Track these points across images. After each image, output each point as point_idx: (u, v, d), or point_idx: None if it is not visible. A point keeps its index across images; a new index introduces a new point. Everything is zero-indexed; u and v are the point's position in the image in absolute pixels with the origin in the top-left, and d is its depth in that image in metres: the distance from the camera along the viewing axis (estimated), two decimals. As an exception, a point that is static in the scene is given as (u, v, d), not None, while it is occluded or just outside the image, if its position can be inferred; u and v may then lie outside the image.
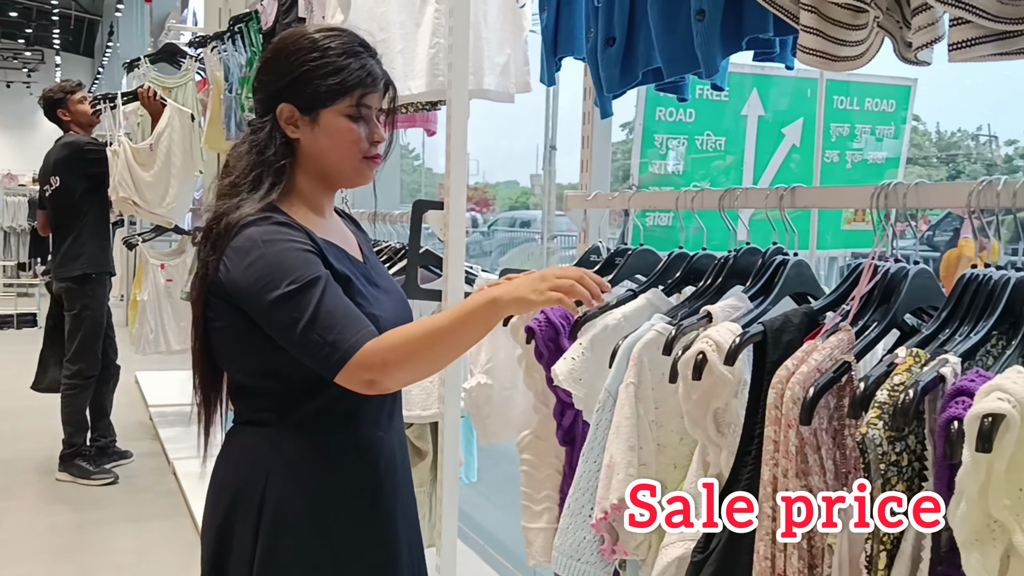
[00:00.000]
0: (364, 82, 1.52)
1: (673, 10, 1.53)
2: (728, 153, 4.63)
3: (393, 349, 1.37)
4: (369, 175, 1.58)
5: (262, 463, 1.50)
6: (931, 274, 1.26)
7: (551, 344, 1.61)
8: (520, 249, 13.23)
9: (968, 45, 1.15)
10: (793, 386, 1.13)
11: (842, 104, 4.73)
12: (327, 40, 1.53)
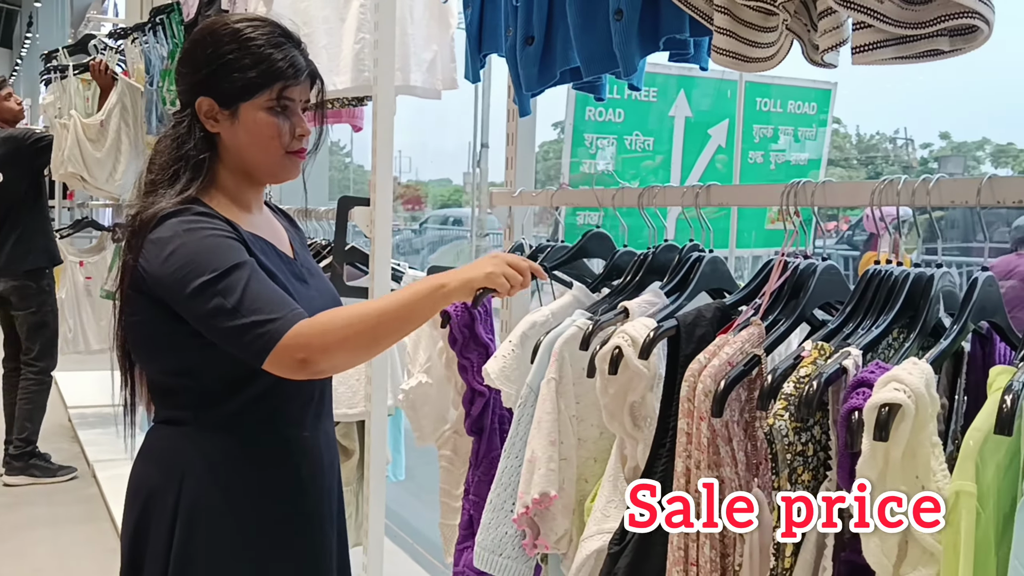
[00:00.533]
0: (285, 74, 1.47)
1: (591, 10, 1.55)
2: (656, 153, 4.70)
3: (331, 329, 1.35)
4: (294, 170, 1.54)
5: (178, 463, 1.47)
6: (838, 270, 1.30)
7: (466, 330, 1.62)
8: (451, 246, 13.21)
9: (870, 48, 1.19)
10: (705, 379, 1.16)
11: (765, 106, 4.84)
12: (247, 30, 1.48)
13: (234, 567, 1.48)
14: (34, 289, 4.60)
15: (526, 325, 1.55)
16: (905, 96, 12.79)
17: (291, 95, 1.48)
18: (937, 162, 14.92)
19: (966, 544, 0.88)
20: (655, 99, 4.71)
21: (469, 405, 1.70)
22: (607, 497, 1.37)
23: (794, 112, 4.90)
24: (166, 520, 1.46)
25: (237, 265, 1.37)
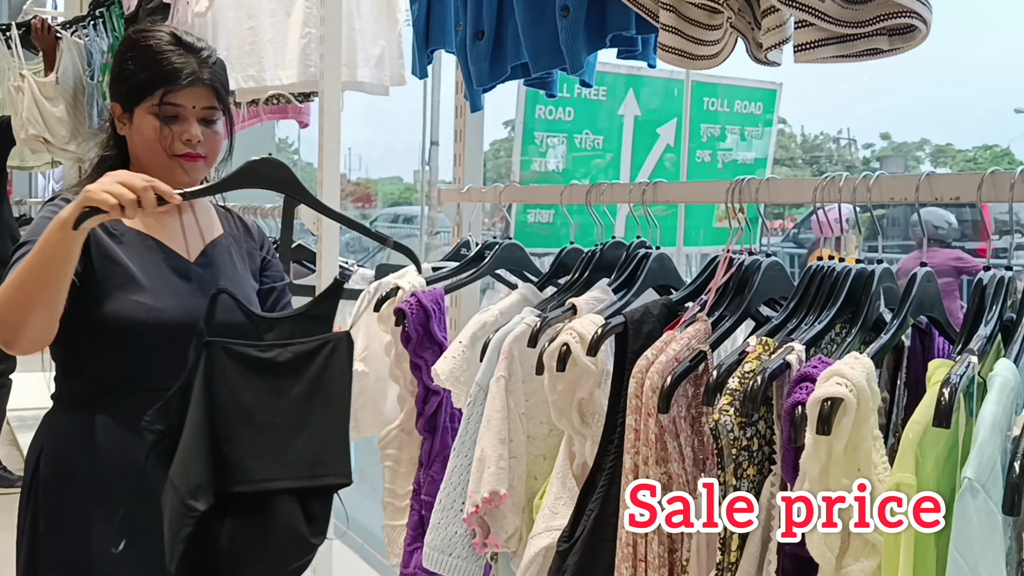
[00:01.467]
0: (167, 80, 1.53)
1: (539, 6, 1.54)
2: (606, 151, 4.72)
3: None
4: (183, 174, 1.56)
5: (33, 450, 1.57)
6: (782, 266, 1.31)
7: (420, 328, 1.61)
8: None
9: (812, 47, 1.20)
10: (652, 375, 1.16)
11: (713, 105, 4.89)
12: (143, 39, 1.58)
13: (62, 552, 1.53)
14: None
15: (476, 325, 1.54)
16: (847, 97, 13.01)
17: (175, 100, 1.54)
18: (879, 162, 15.22)
19: (906, 536, 0.89)
20: (605, 98, 4.73)
21: (423, 404, 1.69)
22: (556, 494, 1.37)
23: (740, 112, 4.96)
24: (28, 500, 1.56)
25: (26, 242, 1.44)
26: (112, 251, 1.52)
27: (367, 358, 1.94)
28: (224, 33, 2.69)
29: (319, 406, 1.42)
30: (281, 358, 1.42)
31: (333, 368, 1.44)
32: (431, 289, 1.67)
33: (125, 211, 1.31)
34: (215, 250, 1.65)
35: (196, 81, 1.55)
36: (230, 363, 1.40)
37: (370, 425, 1.95)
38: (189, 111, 1.55)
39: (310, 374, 1.43)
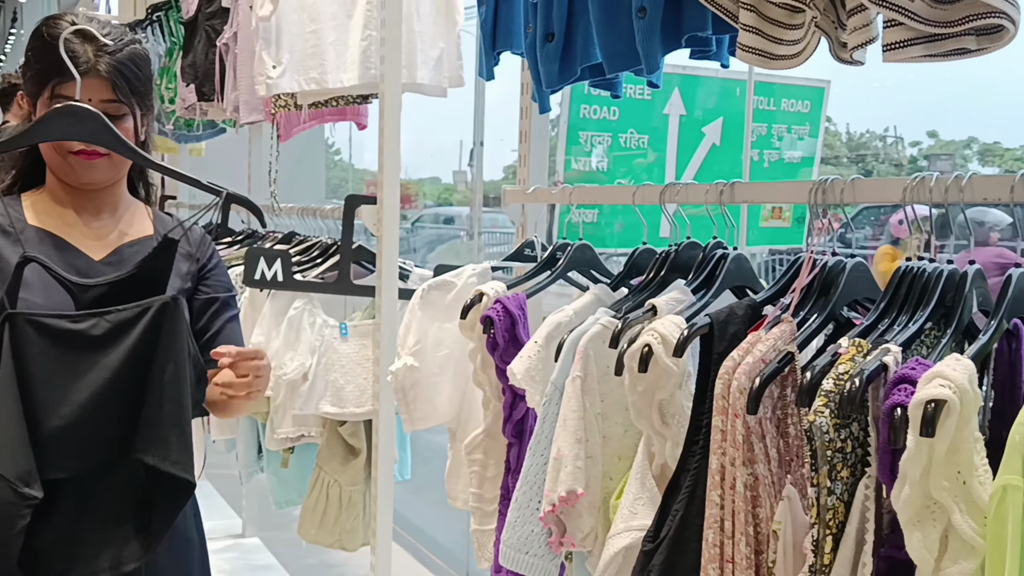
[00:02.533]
0: (59, 70, 1.41)
1: (613, 7, 1.55)
2: (651, 151, 4.69)
3: None
4: (86, 174, 1.47)
5: None
6: (866, 267, 1.30)
7: (507, 334, 1.61)
8: (448, 246, 13.19)
9: (901, 46, 1.19)
10: (739, 376, 1.16)
11: (761, 104, 4.83)
12: (42, 28, 1.47)
13: None
14: None
15: (550, 325, 1.55)
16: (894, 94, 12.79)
17: (67, 92, 1.43)
18: (927, 160, 15.01)
19: (1012, 538, 0.88)
20: (650, 97, 4.70)
21: (511, 409, 1.68)
22: (635, 495, 1.37)
23: (788, 110, 4.89)
24: None
25: None
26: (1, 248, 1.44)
27: (418, 353, 1.95)
28: (287, 36, 2.72)
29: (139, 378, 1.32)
30: (96, 329, 1.32)
31: (156, 335, 1.34)
32: (514, 294, 1.67)
33: None
34: (132, 250, 1.54)
35: (90, 72, 1.43)
36: (37, 337, 1.30)
37: (423, 418, 1.95)
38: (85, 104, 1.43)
39: (129, 343, 1.33)
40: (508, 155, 11.54)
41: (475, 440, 1.73)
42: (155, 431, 1.32)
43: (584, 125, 4.60)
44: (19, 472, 1.25)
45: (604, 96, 4.48)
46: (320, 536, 2.82)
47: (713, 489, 1.19)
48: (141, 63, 1.51)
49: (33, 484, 1.25)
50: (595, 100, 4.63)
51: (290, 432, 2.75)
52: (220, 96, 3.31)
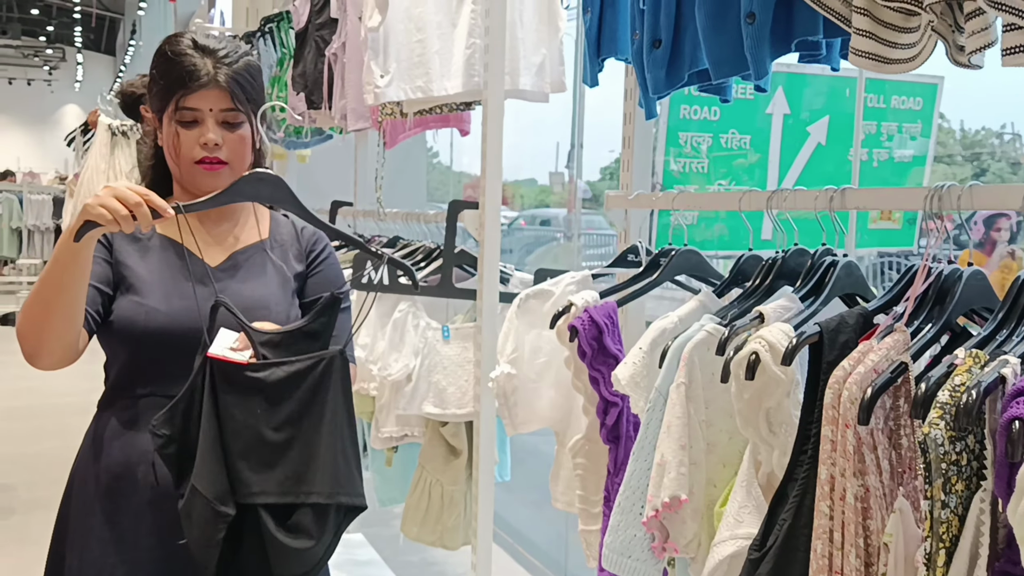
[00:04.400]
0: (180, 83, 1.51)
1: (721, 12, 1.54)
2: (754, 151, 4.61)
3: (19, 317, 1.47)
4: (208, 181, 1.55)
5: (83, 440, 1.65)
6: (984, 276, 1.27)
7: (594, 343, 1.63)
8: (546, 248, 13.22)
9: (1020, 50, 1.16)
10: (850, 386, 1.15)
11: (869, 102, 4.69)
12: (164, 46, 1.56)
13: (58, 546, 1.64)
14: None
15: (655, 331, 1.56)
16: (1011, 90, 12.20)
17: (190, 104, 1.52)
18: (1047, 159, 14.28)
19: None
20: (752, 97, 4.62)
21: (603, 415, 1.71)
22: (740, 503, 1.37)
23: (899, 108, 4.73)
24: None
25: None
26: (127, 256, 1.56)
27: (515, 361, 1.99)
28: (394, 46, 2.80)
29: (310, 425, 1.42)
30: (272, 377, 1.42)
31: (325, 386, 1.43)
32: (603, 303, 1.69)
33: (121, 225, 1.32)
34: (245, 256, 1.64)
35: (211, 83, 1.52)
36: (224, 381, 1.41)
37: (524, 422, 1.98)
38: (207, 114, 1.52)
39: (301, 393, 1.42)
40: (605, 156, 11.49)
41: (577, 444, 1.76)
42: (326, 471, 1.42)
43: (684, 126, 4.55)
44: (217, 493, 1.38)
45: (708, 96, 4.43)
46: (422, 534, 2.88)
47: (822, 500, 1.18)
48: (255, 73, 1.59)
49: (228, 503, 1.39)
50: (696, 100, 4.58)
51: (394, 431, 2.82)
52: (328, 104, 3.41)
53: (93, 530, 1.57)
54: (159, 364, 1.54)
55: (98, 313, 1.52)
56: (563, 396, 1.89)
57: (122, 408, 1.58)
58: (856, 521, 1.16)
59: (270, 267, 1.66)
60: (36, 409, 6.22)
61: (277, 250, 1.68)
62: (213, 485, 1.39)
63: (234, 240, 1.66)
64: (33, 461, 4.99)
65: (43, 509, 4.31)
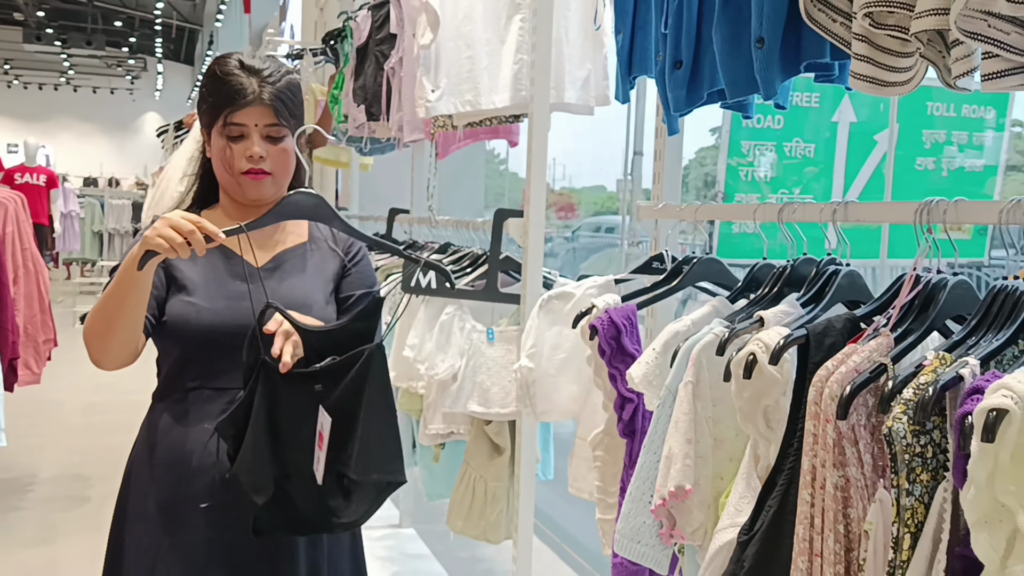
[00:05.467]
0: (229, 100, 1.65)
1: (735, 37, 1.65)
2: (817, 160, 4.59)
3: (86, 324, 1.60)
4: (253, 191, 1.70)
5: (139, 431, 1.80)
6: (969, 285, 1.35)
7: (612, 342, 1.75)
8: (601, 255, 13.27)
9: (999, 76, 1.25)
10: (831, 384, 1.25)
11: (937, 110, 4.63)
12: (213, 66, 1.70)
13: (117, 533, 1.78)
14: None
15: (668, 334, 1.67)
16: (1090, 100, 11.67)
17: (238, 120, 1.65)
18: (1125, 170, 13.76)
19: (1067, 540, 0.94)
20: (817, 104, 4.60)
21: (620, 410, 1.82)
22: (740, 493, 1.47)
23: (969, 116, 4.66)
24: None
25: (115, 268, 1.61)
26: (177, 265, 1.69)
27: (533, 355, 2.12)
28: (445, 63, 2.94)
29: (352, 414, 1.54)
30: (320, 373, 1.57)
31: (366, 378, 1.54)
32: (624, 306, 1.80)
33: (178, 252, 1.46)
34: (287, 256, 1.78)
35: (256, 100, 1.65)
36: (279, 379, 1.55)
37: (544, 412, 2.11)
38: (252, 129, 1.65)
39: (345, 385, 1.55)
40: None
41: (596, 437, 1.87)
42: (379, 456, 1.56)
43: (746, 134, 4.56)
44: (253, 483, 1.56)
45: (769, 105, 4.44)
46: (466, 527, 3.01)
47: (804, 488, 1.28)
48: (296, 91, 1.74)
49: (260, 494, 1.56)
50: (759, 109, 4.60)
51: (440, 429, 2.96)
52: (387, 116, 3.58)
53: (148, 514, 1.71)
54: (207, 359, 1.68)
55: (154, 316, 1.68)
56: (583, 390, 2.01)
57: (174, 401, 1.72)
58: (835, 509, 1.25)
59: (311, 267, 1.80)
60: (111, 404, 6.54)
61: (316, 251, 1.82)
62: (250, 476, 1.56)
63: (276, 243, 1.80)
64: (107, 453, 5.26)
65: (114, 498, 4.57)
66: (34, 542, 4.07)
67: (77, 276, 13.50)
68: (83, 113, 26.33)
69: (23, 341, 4.49)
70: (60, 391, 6.74)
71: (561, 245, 14.03)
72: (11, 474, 4.95)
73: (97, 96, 26.69)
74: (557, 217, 16.92)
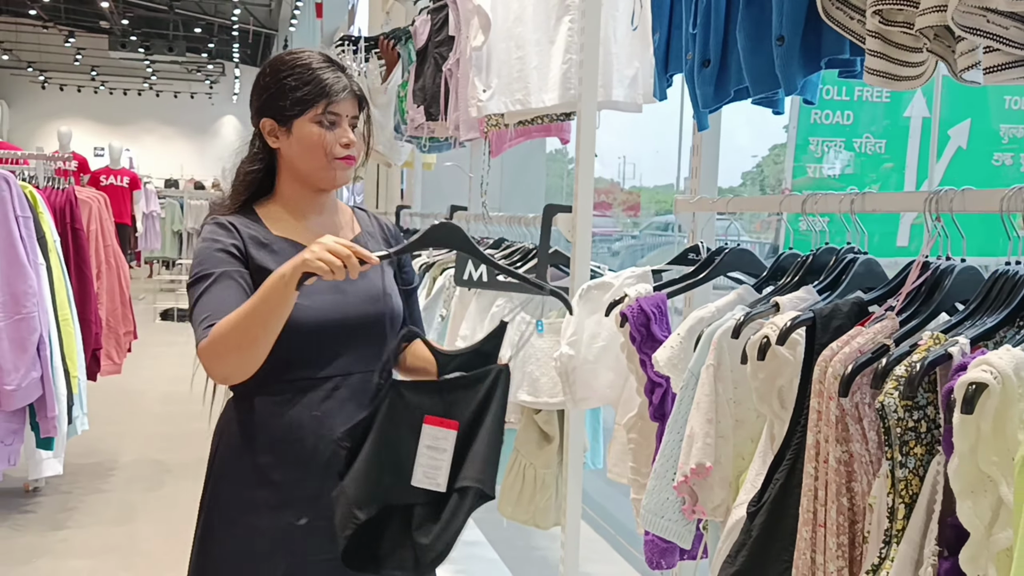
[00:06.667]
0: (330, 92, 1.74)
1: (758, 35, 1.72)
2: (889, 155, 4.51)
3: (217, 339, 1.59)
4: (342, 176, 1.79)
5: (216, 431, 1.84)
6: (976, 271, 1.40)
7: (642, 329, 1.83)
8: (660, 250, 13.27)
9: (1000, 69, 1.30)
10: (835, 364, 1.32)
11: (1016, 104, 4.54)
12: (299, 58, 1.78)
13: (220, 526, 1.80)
14: None
15: (693, 320, 1.74)
16: None
17: (336, 110, 1.75)
18: None
19: (1033, 503, 1.00)
20: (887, 99, 4.54)
21: (650, 394, 1.91)
22: (757, 471, 1.55)
23: None
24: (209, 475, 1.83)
25: (206, 275, 1.67)
26: (263, 260, 1.72)
27: (574, 343, 2.20)
28: (496, 63, 3.05)
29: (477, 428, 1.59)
30: (450, 392, 1.62)
31: (490, 397, 1.61)
32: (654, 295, 1.88)
33: (335, 274, 1.51)
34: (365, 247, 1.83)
35: (348, 92, 1.77)
36: (411, 397, 1.61)
37: (584, 399, 2.19)
38: (344, 119, 1.76)
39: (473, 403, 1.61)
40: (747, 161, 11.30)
41: (630, 421, 1.96)
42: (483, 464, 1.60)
43: (815, 130, 4.52)
44: (357, 499, 1.58)
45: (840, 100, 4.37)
46: (516, 513, 3.11)
47: (809, 462, 1.35)
48: (361, 86, 1.86)
49: (363, 511, 1.58)
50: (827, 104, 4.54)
51: (492, 417, 3.06)
52: (444, 116, 3.70)
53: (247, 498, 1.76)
54: (313, 353, 1.73)
55: None
56: (620, 377, 2.09)
57: (277, 391, 1.74)
58: (838, 482, 1.32)
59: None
60: (188, 395, 6.82)
61: (371, 242, 1.88)
62: (357, 492, 1.60)
63: (335, 232, 1.85)
64: (183, 440, 5.52)
65: (188, 481, 4.80)
66: (116, 521, 4.30)
67: (158, 274, 14.01)
68: (165, 117, 27.23)
69: (105, 333, 4.75)
70: (142, 382, 7.06)
71: (624, 242, 14.04)
72: (95, 459, 5.22)
73: (178, 100, 27.56)
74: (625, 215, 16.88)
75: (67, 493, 4.67)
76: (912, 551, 1.19)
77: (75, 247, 4.41)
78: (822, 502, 1.33)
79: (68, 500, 4.57)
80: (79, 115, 25.40)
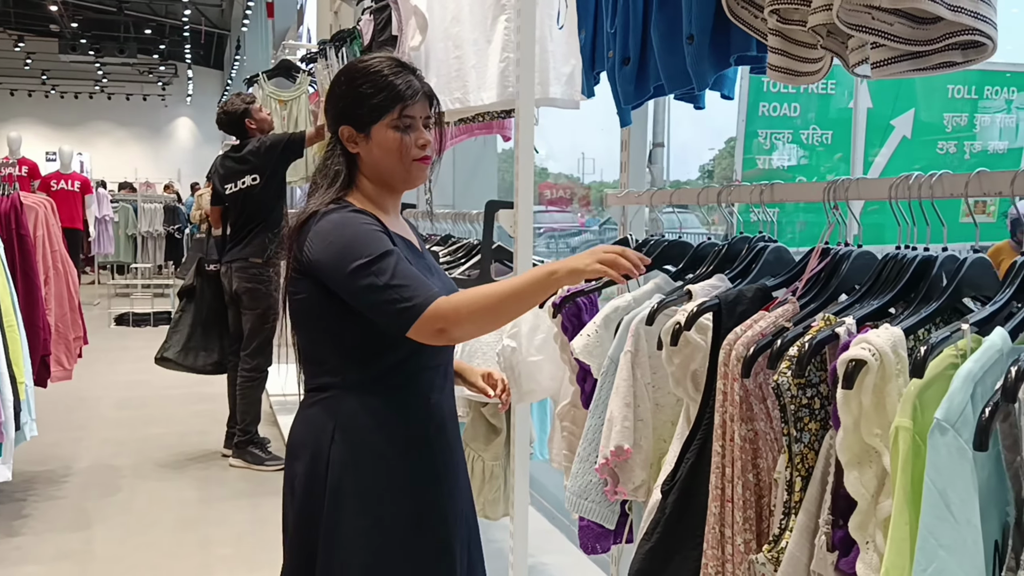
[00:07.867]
0: (404, 96, 1.78)
1: (671, 35, 1.79)
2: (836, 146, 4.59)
3: (464, 305, 1.63)
4: (422, 175, 1.84)
5: (328, 422, 1.77)
6: (871, 255, 1.48)
7: (574, 319, 1.89)
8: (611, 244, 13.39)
9: (887, 63, 1.37)
10: (738, 347, 1.39)
11: (959, 93, 4.64)
12: (373, 66, 1.81)
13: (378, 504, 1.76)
14: (263, 292, 5.01)
15: (609, 309, 1.81)
16: (1120, 78, 11.25)
17: (411, 113, 1.79)
18: None
19: (903, 468, 1.07)
20: (833, 91, 4.62)
21: (583, 383, 1.97)
22: (675, 452, 1.61)
23: (991, 98, 4.65)
24: (319, 477, 1.76)
25: (387, 252, 1.68)
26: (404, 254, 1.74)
27: (515, 336, 2.25)
28: (434, 63, 3.09)
29: None
30: None
31: None
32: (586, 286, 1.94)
33: (616, 279, 1.57)
34: (420, 245, 1.94)
35: (422, 95, 1.81)
36: None
37: (529, 393, 2.24)
38: (418, 121, 1.80)
39: None
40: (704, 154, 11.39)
41: (564, 409, 2.02)
42: None
43: (763, 123, 4.58)
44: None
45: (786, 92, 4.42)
46: (466, 504, 3.16)
47: (716, 441, 1.41)
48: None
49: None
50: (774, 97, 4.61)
51: (439, 411, 3.10)
52: (388, 115, 3.73)
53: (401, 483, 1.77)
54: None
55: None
56: (559, 369, 2.15)
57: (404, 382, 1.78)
58: (744, 459, 1.39)
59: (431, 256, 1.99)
60: (146, 399, 6.80)
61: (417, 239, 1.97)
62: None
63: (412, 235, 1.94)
64: (138, 445, 5.50)
65: (144, 486, 4.80)
66: (70, 527, 4.29)
67: (110, 279, 13.86)
68: (118, 120, 26.88)
69: (54, 339, 4.72)
70: (97, 387, 7.01)
71: (583, 237, 14.13)
72: (50, 465, 5.19)
73: (131, 103, 27.23)
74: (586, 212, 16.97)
75: (21, 500, 4.64)
76: (809, 521, 1.26)
77: (21, 253, 4.38)
78: (729, 479, 1.39)
79: (22, 507, 4.55)
80: (31, 119, 25.02)
